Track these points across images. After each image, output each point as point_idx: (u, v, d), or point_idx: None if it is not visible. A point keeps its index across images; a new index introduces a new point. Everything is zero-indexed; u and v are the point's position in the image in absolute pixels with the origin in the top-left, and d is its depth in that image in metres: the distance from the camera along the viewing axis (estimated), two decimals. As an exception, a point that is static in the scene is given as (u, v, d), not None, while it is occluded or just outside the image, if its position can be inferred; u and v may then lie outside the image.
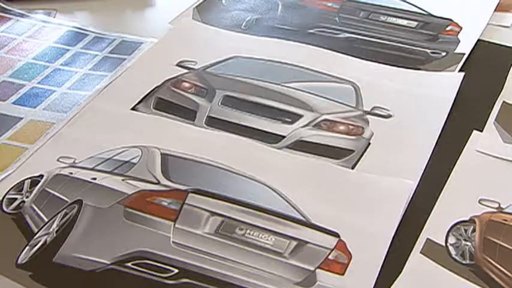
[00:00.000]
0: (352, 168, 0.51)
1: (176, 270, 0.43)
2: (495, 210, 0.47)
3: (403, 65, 0.63)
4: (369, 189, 0.49)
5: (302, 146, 0.54)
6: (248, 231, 0.46)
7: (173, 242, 0.44)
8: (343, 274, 0.42)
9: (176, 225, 0.46)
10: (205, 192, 0.48)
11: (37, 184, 0.49)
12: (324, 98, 0.59)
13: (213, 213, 0.47)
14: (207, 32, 0.69)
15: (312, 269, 0.43)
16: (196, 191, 0.48)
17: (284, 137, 0.55)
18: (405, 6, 0.72)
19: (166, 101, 0.59)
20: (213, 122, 0.57)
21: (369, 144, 0.54)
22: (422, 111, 0.57)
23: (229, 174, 0.51)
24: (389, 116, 0.57)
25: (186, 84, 0.61)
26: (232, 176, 0.50)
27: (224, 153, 0.53)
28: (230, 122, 0.57)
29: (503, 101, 0.57)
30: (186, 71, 0.63)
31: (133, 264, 0.43)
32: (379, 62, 0.63)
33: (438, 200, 0.48)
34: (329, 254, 0.44)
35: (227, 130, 0.55)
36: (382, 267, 0.43)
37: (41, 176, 0.50)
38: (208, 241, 0.45)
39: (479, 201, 0.47)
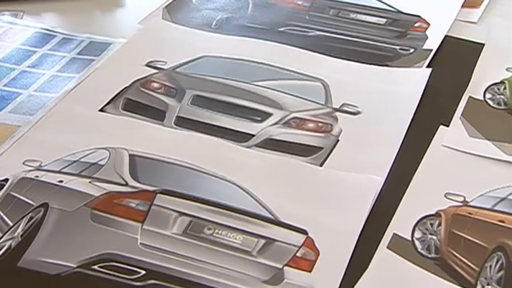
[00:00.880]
0: (321, 165, 0.52)
1: (143, 272, 0.42)
2: (460, 203, 0.47)
3: (372, 61, 0.64)
4: (337, 186, 0.49)
5: (271, 144, 0.54)
6: (216, 230, 0.46)
7: (141, 243, 0.44)
8: (310, 271, 0.43)
9: (144, 227, 0.45)
10: (173, 193, 0.48)
11: (2, 188, 0.48)
12: (294, 96, 0.60)
13: (181, 214, 0.46)
14: (177, 31, 0.68)
15: (280, 266, 0.43)
16: (165, 192, 0.48)
17: (253, 135, 0.55)
18: (374, 4, 0.72)
19: (135, 102, 0.58)
20: (183, 122, 0.56)
21: (338, 141, 0.54)
22: (390, 108, 0.57)
23: (198, 174, 0.50)
24: (358, 113, 0.57)
25: (155, 85, 0.60)
26: (201, 176, 0.50)
27: (193, 153, 0.52)
28: (199, 122, 0.56)
29: (470, 96, 0.58)
30: (155, 71, 0.62)
31: (99, 267, 0.42)
32: (349, 59, 0.64)
33: (405, 195, 0.48)
34: (297, 251, 0.44)
35: (196, 130, 0.55)
36: (349, 262, 0.43)
37: (6, 179, 0.49)
38: (176, 241, 0.44)
39: (445, 196, 0.48)
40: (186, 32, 0.68)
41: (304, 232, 0.45)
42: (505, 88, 0.59)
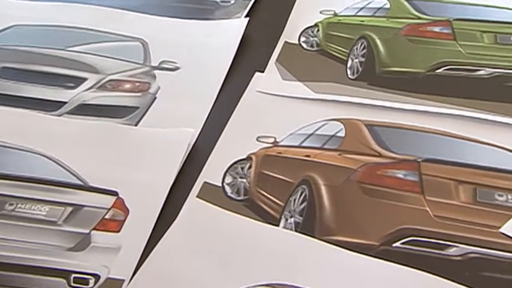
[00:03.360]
0: (136, 125, 0.50)
1: None
2: (271, 144, 0.49)
3: (194, 16, 0.63)
4: (150, 143, 0.48)
5: (85, 109, 0.52)
6: (19, 205, 0.43)
7: None
8: (118, 231, 0.42)
9: None
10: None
11: None
12: (111, 58, 0.57)
13: (-20, 193, 0.44)
14: (-18, 2, 0.63)
15: (87, 231, 0.42)
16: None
17: (66, 102, 0.52)
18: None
19: None
20: (-13, 98, 0.53)
21: (155, 98, 0.54)
22: (207, 60, 0.57)
23: (2, 149, 0.47)
24: (176, 69, 0.56)
25: (-44, 61, 0.56)
26: (4, 151, 0.47)
27: (-2, 128, 0.49)
28: (6, 95, 0.52)
29: (285, 41, 0.59)
30: (-44, 47, 0.57)
31: None
32: (169, 16, 0.62)
33: (217, 143, 0.49)
34: (106, 213, 0.43)
35: (4, 104, 0.51)
36: (160, 217, 0.43)
37: None
38: (-27, 223, 0.42)
39: (257, 139, 0.49)
40: (-7, 2, 0.63)
41: (114, 194, 0.44)
42: (318, 30, 0.60)
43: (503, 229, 0.40)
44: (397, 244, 0.40)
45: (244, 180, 0.46)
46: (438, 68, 0.54)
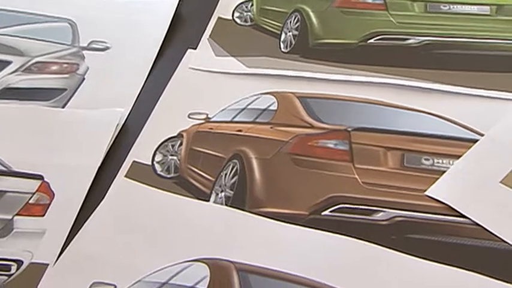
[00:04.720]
0: (63, 107, 0.49)
1: None
2: (203, 121, 0.48)
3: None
4: (77, 125, 0.47)
5: (10, 93, 0.50)
6: None
7: None
8: (43, 215, 0.41)
9: None
10: None
11: None
12: (37, 40, 0.55)
13: None
14: None
15: (9, 217, 0.40)
16: None
17: (-12, 87, 0.51)
18: None
19: None
20: None
21: (84, 79, 0.52)
22: (139, 39, 0.55)
23: None
24: (106, 49, 0.55)
25: None
26: None
27: None
28: None
29: (219, 17, 0.58)
30: None
31: None
32: (99, -5, 0.61)
33: (147, 122, 0.47)
34: (30, 198, 0.42)
35: None
36: (87, 199, 0.42)
37: None
38: None
39: (188, 116, 0.48)
40: None
41: (39, 178, 0.43)
42: (252, 5, 0.60)
43: (428, 192, 0.41)
44: (326, 212, 0.40)
45: (175, 157, 0.45)
46: (370, 39, 0.54)
